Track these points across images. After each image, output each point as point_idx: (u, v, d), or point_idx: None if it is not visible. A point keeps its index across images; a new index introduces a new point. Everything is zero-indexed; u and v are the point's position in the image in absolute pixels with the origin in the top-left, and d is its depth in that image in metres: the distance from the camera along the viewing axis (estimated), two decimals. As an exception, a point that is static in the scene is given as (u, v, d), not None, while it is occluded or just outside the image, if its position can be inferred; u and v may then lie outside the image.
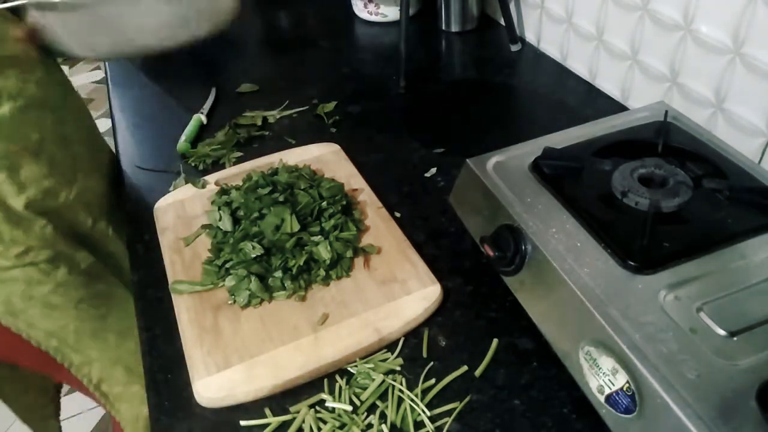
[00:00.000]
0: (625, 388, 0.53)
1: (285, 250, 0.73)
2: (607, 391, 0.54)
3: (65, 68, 0.87)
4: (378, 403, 0.61)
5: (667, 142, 0.76)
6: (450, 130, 1.02)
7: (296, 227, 0.74)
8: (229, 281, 0.72)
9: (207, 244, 0.79)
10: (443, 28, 1.32)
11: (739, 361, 0.51)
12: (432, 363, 0.64)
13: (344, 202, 0.80)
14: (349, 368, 0.65)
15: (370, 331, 0.66)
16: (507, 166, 0.76)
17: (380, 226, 0.80)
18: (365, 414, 0.60)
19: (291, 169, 0.87)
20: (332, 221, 0.77)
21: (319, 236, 0.75)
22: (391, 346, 0.66)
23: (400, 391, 0.61)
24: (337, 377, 0.64)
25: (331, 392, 0.62)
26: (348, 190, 0.85)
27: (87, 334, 0.81)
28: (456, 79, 1.18)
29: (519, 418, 0.59)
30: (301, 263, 0.72)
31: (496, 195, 0.71)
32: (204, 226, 0.82)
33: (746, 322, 0.54)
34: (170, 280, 0.75)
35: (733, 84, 0.78)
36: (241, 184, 0.84)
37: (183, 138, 1.01)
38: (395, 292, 0.70)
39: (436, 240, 0.79)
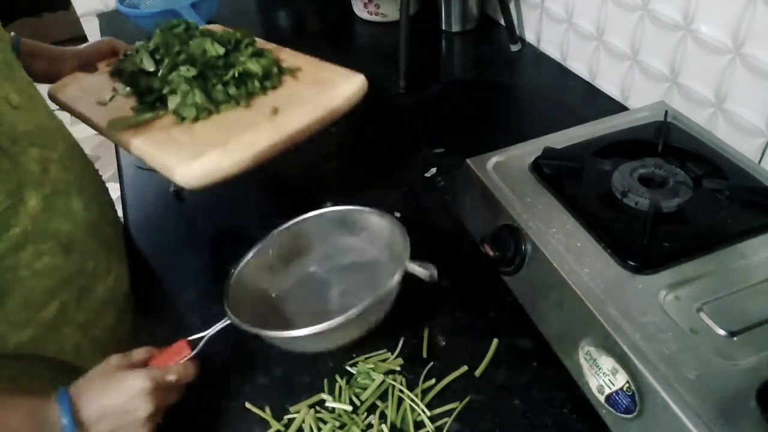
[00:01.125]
0: (625, 388, 0.53)
1: (217, 68, 0.76)
2: (607, 391, 0.54)
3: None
4: (378, 403, 0.61)
5: (667, 142, 0.76)
6: (450, 130, 1.02)
7: (221, 50, 0.77)
8: (173, 101, 0.73)
9: (125, 108, 0.77)
10: (443, 28, 1.32)
11: (739, 361, 0.51)
12: (432, 363, 0.64)
13: (254, 42, 0.84)
14: (349, 368, 0.65)
15: (319, 109, 0.73)
16: (507, 166, 0.76)
17: (292, 57, 0.85)
18: (365, 414, 0.60)
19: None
20: (250, 49, 0.81)
21: (244, 57, 0.79)
22: (391, 346, 0.66)
23: (400, 391, 0.61)
24: (337, 377, 0.64)
25: (331, 392, 0.63)
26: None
27: None
28: (456, 79, 1.18)
29: (519, 418, 0.59)
30: (236, 75, 0.76)
31: (496, 195, 0.71)
32: (116, 82, 0.82)
33: (746, 322, 0.54)
34: (102, 125, 0.74)
35: (733, 84, 0.78)
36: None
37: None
38: (327, 86, 0.77)
39: (436, 240, 0.79)
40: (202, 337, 0.60)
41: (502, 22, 1.22)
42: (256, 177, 0.77)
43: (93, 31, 1.65)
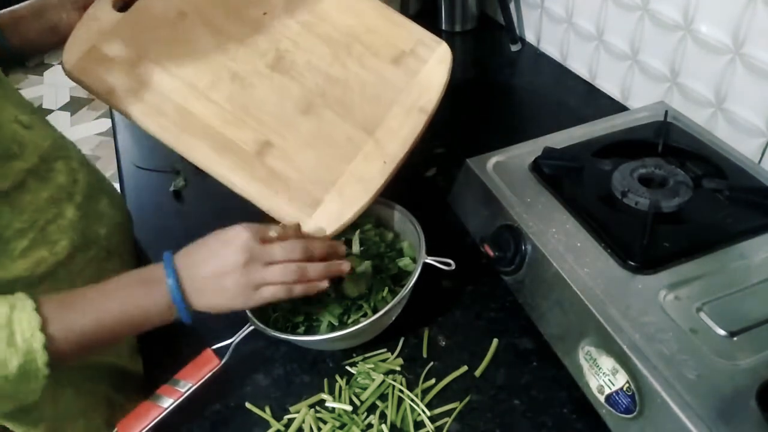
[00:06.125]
0: (625, 388, 0.53)
1: None
2: (607, 391, 0.54)
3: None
4: (378, 403, 0.61)
5: (667, 142, 0.76)
6: (450, 130, 1.02)
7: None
8: None
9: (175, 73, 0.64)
10: (443, 27, 1.32)
11: (739, 361, 0.51)
12: (432, 363, 0.64)
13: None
14: (349, 368, 0.65)
15: (416, 113, 0.67)
16: (507, 166, 0.76)
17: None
18: (365, 414, 0.60)
19: None
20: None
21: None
22: (391, 346, 0.66)
23: (400, 391, 0.61)
24: (337, 377, 0.64)
25: (331, 392, 0.62)
26: None
27: None
28: (456, 79, 1.17)
29: (519, 418, 0.59)
30: None
31: (496, 195, 0.72)
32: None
33: (746, 322, 0.54)
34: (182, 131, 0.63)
35: (733, 84, 0.78)
36: None
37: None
38: (412, 65, 0.69)
39: (437, 240, 0.79)
40: (228, 345, 0.61)
41: (502, 22, 1.22)
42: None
43: (93, 31, 1.65)
